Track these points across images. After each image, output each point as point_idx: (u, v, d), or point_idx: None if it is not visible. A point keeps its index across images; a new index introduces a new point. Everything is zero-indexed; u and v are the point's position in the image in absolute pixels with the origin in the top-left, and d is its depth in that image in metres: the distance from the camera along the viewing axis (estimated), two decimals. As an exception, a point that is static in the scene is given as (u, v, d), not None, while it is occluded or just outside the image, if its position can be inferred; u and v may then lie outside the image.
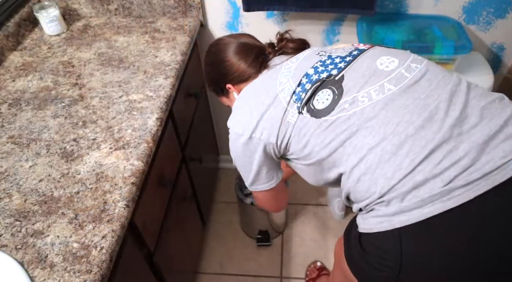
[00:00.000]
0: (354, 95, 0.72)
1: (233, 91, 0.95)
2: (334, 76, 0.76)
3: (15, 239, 0.70)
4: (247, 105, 0.84)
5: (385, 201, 0.68)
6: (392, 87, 0.72)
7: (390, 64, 0.75)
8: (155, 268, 0.97)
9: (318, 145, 0.75)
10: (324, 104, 0.74)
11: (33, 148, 0.87)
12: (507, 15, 1.25)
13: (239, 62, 0.91)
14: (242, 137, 0.82)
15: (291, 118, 0.77)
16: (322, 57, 0.82)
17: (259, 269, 1.55)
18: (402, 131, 0.68)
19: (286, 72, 0.82)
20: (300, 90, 0.77)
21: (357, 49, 0.81)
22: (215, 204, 1.80)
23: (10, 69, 1.13)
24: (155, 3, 1.31)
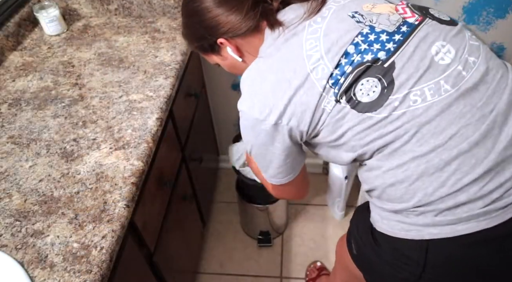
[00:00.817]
0: (407, 92, 0.62)
1: (226, 46, 0.76)
2: (382, 62, 0.63)
3: (15, 239, 0.70)
4: (266, 83, 0.68)
5: (417, 211, 0.65)
6: (449, 88, 0.62)
7: (446, 56, 0.64)
8: (155, 268, 0.97)
9: (356, 141, 0.66)
10: (369, 97, 0.63)
11: (33, 148, 0.87)
12: (507, 15, 1.25)
13: (232, 11, 0.71)
14: (265, 123, 0.67)
15: (327, 105, 0.65)
16: (361, 26, 0.65)
17: (259, 269, 1.55)
18: (455, 146, 0.61)
19: (314, 40, 0.66)
20: (338, 73, 0.64)
21: (406, 23, 0.66)
22: (215, 204, 1.80)
23: (10, 69, 1.13)
24: (155, 3, 1.31)
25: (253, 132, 0.71)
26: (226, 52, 0.78)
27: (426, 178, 0.63)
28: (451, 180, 0.62)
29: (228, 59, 0.80)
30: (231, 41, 0.75)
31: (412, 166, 0.63)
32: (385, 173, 0.66)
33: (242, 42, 0.75)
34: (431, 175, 0.62)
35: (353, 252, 0.82)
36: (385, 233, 0.70)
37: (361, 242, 0.78)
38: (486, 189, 0.61)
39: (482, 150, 0.61)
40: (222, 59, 0.81)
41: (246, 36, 0.73)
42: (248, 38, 0.74)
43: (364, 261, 0.80)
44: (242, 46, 0.76)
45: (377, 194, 0.70)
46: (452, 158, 0.61)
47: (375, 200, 0.73)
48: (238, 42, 0.75)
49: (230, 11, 0.71)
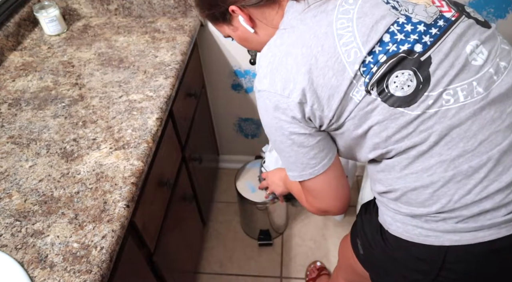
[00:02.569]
0: (442, 90, 0.59)
1: (238, 15, 0.70)
2: (418, 55, 0.59)
3: (15, 239, 0.70)
4: (290, 56, 0.61)
5: (438, 217, 0.63)
6: (481, 90, 0.60)
7: (479, 57, 0.61)
8: (155, 268, 0.97)
9: (382, 138, 0.62)
10: (403, 91, 0.59)
11: (33, 148, 0.87)
12: (507, 15, 1.24)
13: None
14: (288, 101, 0.61)
15: (355, 95, 0.60)
16: (397, 15, 0.61)
17: (259, 269, 1.55)
18: (485, 152, 0.59)
19: (344, 20, 0.61)
20: (372, 61, 0.59)
21: (443, 17, 0.62)
22: (215, 204, 1.80)
23: (10, 69, 1.13)
24: (155, 3, 1.31)
25: (276, 113, 0.64)
26: (238, 22, 0.72)
27: (453, 184, 0.60)
28: (477, 188, 0.60)
29: (239, 29, 0.73)
30: (244, 10, 0.69)
31: (439, 170, 0.60)
32: (407, 176, 0.63)
33: (256, 12, 0.69)
34: (459, 181, 0.60)
35: (360, 252, 0.81)
36: (401, 237, 0.68)
37: (369, 243, 0.77)
38: (511, 196, 0.60)
39: (510, 158, 0.60)
40: (233, 30, 0.75)
41: (261, 6, 0.68)
42: (263, 9, 0.68)
43: (372, 262, 0.79)
44: (256, 17, 0.70)
45: (395, 197, 0.67)
46: (482, 165, 0.59)
47: (389, 202, 0.69)
48: (252, 12, 0.69)
49: None
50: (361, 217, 0.84)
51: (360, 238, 0.81)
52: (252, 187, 1.49)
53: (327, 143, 0.68)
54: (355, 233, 0.85)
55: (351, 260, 0.84)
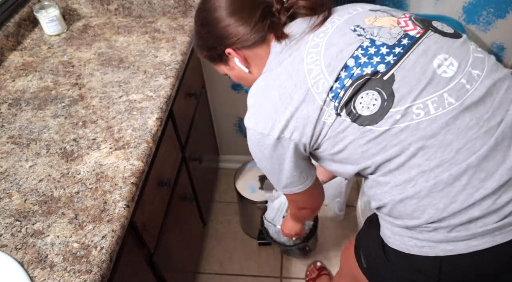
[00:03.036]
0: (409, 105, 0.61)
1: (234, 57, 0.77)
2: (381, 75, 0.63)
3: (15, 239, 0.70)
4: (269, 98, 0.69)
5: (430, 227, 0.63)
6: (453, 101, 0.61)
7: (449, 69, 0.63)
8: (155, 268, 0.97)
9: (358, 154, 0.66)
10: (369, 110, 0.63)
11: (33, 148, 0.87)
12: (507, 15, 1.25)
13: (241, 22, 0.72)
14: (269, 138, 0.69)
15: (327, 119, 0.65)
16: (362, 39, 0.66)
17: (259, 269, 1.55)
18: (463, 160, 0.60)
19: (315, 54, 0.67)
20: (338, 86, 0.64)
21: (407, 36, 0.66)
22: (215, 204, 1.80)
23: (10, 69, 1.13)
24: (155, 3, 1.31)
25: (259, 147, 0.72)
26: (233, 62, 0.79)
27: (436, 193, 0.61)
28: (462, 195, 0.60)
29: (235, 69, 0.81)
30: (239, 52, 0.76)
31: (421, 181, 0.62)
32: (392, 188, 0.65)
33: (249, 53, 0.76)
34: (441, 190, 0.61)
35: (363, 265, 0.81)
36: (398, 249, 0.69)
37: (372, 256, 0.77)
38: (499, 202, 0.60)
39: (491, 164, 0.60)
40: (229, 69, 0.83)
41: (253, 47, 0.75)
42: (255, 49, 0.75)
43: (375, 275, 0.79)
44: (249, 58, 0.77)
45: (387, 211, 0.69)
46: (461, 172, 0.60)
47: (385, 216, 0.71)
48: (246, 53, 0.76)
49: (239, 22, 0.72)
50: (364, 231, 0.85)
51: (363, 251, 0.82)
52: (252, 186, 1.50)
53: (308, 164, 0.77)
54: (358, 246, 0.85)
55: (354, 271, 0.84)
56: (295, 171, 0.74)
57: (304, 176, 0.77)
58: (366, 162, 0.66)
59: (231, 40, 0.74)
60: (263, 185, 1.50)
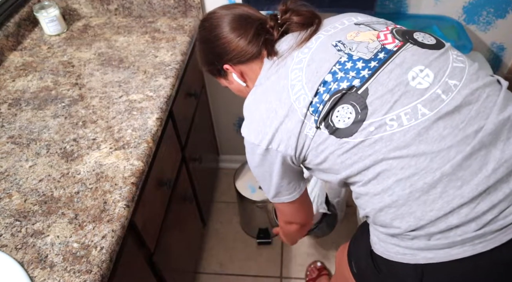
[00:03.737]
0: (381, 117, 0.63)
1: (231, 72, 0.84)
2: (356, 89, 0.66)
3: (15, 239, 0.70)
4: (258, 112, 0.74)
5: (410, 235, 0.64)
6: (427, 112, 0.62)
7: (424, 80, 0.64)
8: (155, 268, 0.97)
9: (338, 164, 0.69)
10: (345, 123, 0.66)
11: (33, 148, 0.87)
12: (507, 15, 1.25)
13: (237, 39, 0.78)
14: (259, 148, 0.74)
15: (309, 131, 0.69)
16: (340, 55, 0.69)
17: (259, 269, 1.55)
18: (437, 168, 0.61)
19: (298, 71, 0.71)
20: (317, 101, 0.68)
21: (384, 50, 0.68)
22: (215, 204, 1.80)
23: (10, 69, 1.13)
24: (155, 3, 1.31)
25: (251, 155, 0.77)
26: (232, 77, 0.86)
27: (412, 202, 0.62)
28: (438, 203, 0.61)
29: (234, 83, 0.88)
30: (235, 67, 0.83)
31: (397, 189, 0.63)
32: (372, 197, 0.67)
33: (245, 68, 0.82)
34: (417, 198, 0.62)
35: (354, 270, 0.82)
36: (382, 256, 0.70)
37: (361, 263, 0.78)
38: (478, 210, 0.60)
39: (467, 172, 0.60)
40: (229, 83, 0.90)
41: (248, 63, 0.81)
42: (250, 65, 0.81)
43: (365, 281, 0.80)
44: (245, 73, 0.83)
45: (372, 219, 0.71)
46: (436, 180, 0.61)
47: (371, 224, 0.74)
48: (242, 68, 0.83)
49: (236, 40, 0.79)
50: (356, 237, 0.86)
51: (354, 258, 0.83)
52: (252, 186, 1.50)
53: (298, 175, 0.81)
54: (349, 252, 0.86)
55: (346, 274, 0.85)
56: (282, 181, 0.79)
57: (292, 187, 0.81)
58: (345, 171, 0.69)
59: (228, 56, 0.81)
60: None
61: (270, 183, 0.80)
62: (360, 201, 0.72)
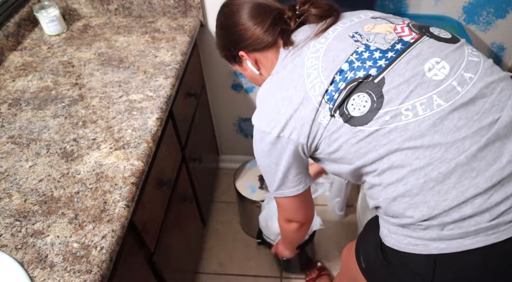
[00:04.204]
0: (397, 107, 0.64)
1: (246, 59, 0.85)
2: (373, 78, 0.66)
3: (15, 239, 0.70)
4: (273, 100, 0.74)
5: (423, 225, 0.64)
6: (442, 103, 0.63)
7: (440, 72, 0.65)
8: (155, 267, 0.97)
9: (352, 154, 0.69)
10: (360, 112, 0.66)
11: (33, 148, 0.87)
12: (507, 15, 1.25)
13: (254, 27, 0.79)
14: (269, 136, 0.74)
15: (323, 120, 0.69)
16: (357, 45, 0.70)
17: (259, 269, 1.55)
18: (452, 158, 0.61)
19: (314, 59, 0.71)
20: (333, 89, 0.68)
21: (401, 41, 0.69)
22: (215, 204, 1.80)
23: (10, 69, 1.13)
24: (155, 3, 1.31)
25: (260, 144, 0.77)
26: (246, 64, 0.87)
27: (427, 191, 0.63)
28: (452, 194, 0.61)
29: (248, 70, 0.89)
30: (250, 54, 0.84)
31: (412, 179, 0.63)
32: (386, 187, 0.67)
33: (260, 56, 0.83)
34: (431, 188, 0.62)
35: (362, 265, 0.82)
36: (393, 247, 0.70)
37: (370, 257, 0.78)
38: (491, 201, 0.60)
39: (482, 163, 0.61)
40: (243, 70, 0.91)
41: (263, 51, 0.82)
42: (265, 53, 0.82)
43: (374, 276, 0.79)
44: (260, 61, 0.84)
45: (383, 210, 0.71)
46: (450, 170, 0.61)
47: (383, 215, 0.73)
48: (256, 56, 0.83)
49: (253, 27, 0.80)
50: (364, 232, 0.85)
51: (363, 252, 0.82)
52: (251, 186, 1.50)
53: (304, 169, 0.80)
54: (358, 247, 0.85)
55: (354, 272, 0.84)
56: (289, 172, 0.78)
57: (297, 179, 0.80)
58: (359, 160, 0.68)
59: (244, 43, 0.82)
60: (263, 184, 1.50)
61: (276, 174, 0.79)
62: (373, 191, 0.71)
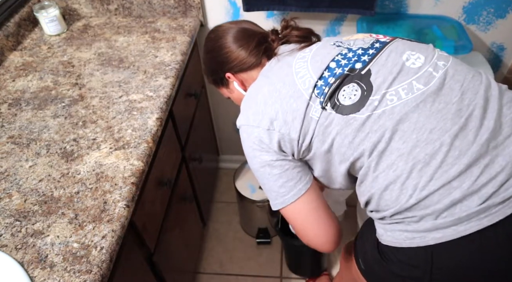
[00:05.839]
0: (384, 91, 0.68)
1: (233, 80, 0.89)
2: (359, 70, 0.71)
3: (15, 239, 0.70)
4: (260, 95, 0.75)
5: (417, 216, 0.65)
6: (422, 86, 0.68)
7: (417, 61, 0.71)
8: (155, 267, 0.97)
9: (346, 146, 0.69)
10: (351, 100, 0.69)
11: (33, 148, 0.87)
12: (507, 15, 1.24)
13: (239, 50, 0.84)
14: (258, 129, 0.73)
15: (314, 114, 0.70)
16: (341, 49, 0.75)
17: (259, 269, 1.55)
18: (437, 139, 0.64)
19: (301, 62, 0.76)
20: (323, 84, 0.71)
21: (379, 41, 0.76)
22: (215, 204, 1.80)
23: (10, 69, 1.13)
24: (155, 3, 1.31)
25: (250, 142, 0.75)
26: (233, 85, 0.90)
27: (415, 173, 0.65)
28: (438, 173, 0.63)
29: (234, 92, 0.92)
30: (237, 76, 0.88)
31: (401, 164, 0.65)
32: (378, 177, 0.68)
33: (246, 76, 0.87)
34: (420, 170, 0.64)
35: (362, 267, 0.82)
36: (390, 244, 0.70)
37: (368, 258, 0.78)
38: (478, 182, 0.62)
39: (464, 142, 0.63)
40: (230, 92, 0.94)
41: (249, 70, 0.86)
42: (251, 72, 0.86)
43: (373, 276, 0.79)
44: (246, 81, 0.88)
45: (375, 205, 0.70)
46: (436, 150, 0.64)
47: (375, 214, 0.73)
48: (243, 76, 0.87)
49: (238, 49, 0.84)
50: (360, 235, 0.85)
51: (361, 254, 0.82)
52: (252, 186, 1.50)
53: (296, 173, 0.76)
54: (356, 249, 0.85)
55: (353, 273, 0.84)
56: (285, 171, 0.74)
57: (296, 173, 0.75)
58: (354, 153, 0.69)
59: (230, 65, 0.86)
60: None
61: (270, 176, 0.75)
62: (364, 184, 0.71)
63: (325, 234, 0.78)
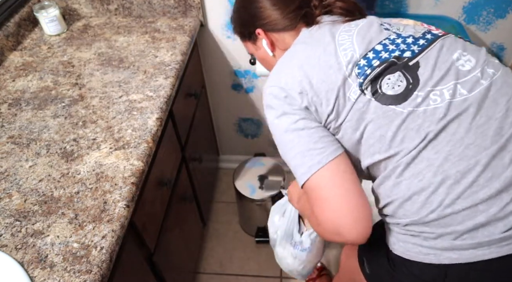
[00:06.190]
0: (429, 89, 0.63)
1: (262, 38, 0.81)
2: (407, 60, 0.66)
3: (15, 239, 0.70)
4: (295, 59, 0.70)
5: (435, 233, 0.62)
6: (465, 92, 0.63)
7: (466, 63, 0.66)
8: (155, 267, 0.97)
9: (376, 138, 0.64)
10: (395, 90, 0.64)
11: (33, 148, 0.87)
12: (507, 15, 1.25)
13: (273, 8, 0.77)
14: (290, 91, 0.67)
15: (352, 95, 0.65)
16: (389, 33, 0.70)
17: (259, 269, 1.55)
18: (472, 156, 0.59)
19: (346, 35, 0.70)
20: (366, 64, 0.66)
21: (431, 33, 0.71)
22: (215, 204, 1.80)
23: (10, 69, 1.13)
24: (155, 3, 1.31)
25: (277, 104, 0.68)
26: (261, 43, 0.83)
27: (443, 189, 0.61)
28: (466, 193, 0.60)
29: (261, 50, 0.85)
30: (268, 34, 0.80)
31: (428, 175, 0.61)
32: (400, 183, 0.64)
33: (277, 37, 0.80)
34: (449, 186, 0.60)
35: (366, 271, 0.81)
36: (402, 256, 0.68)
37: (375, 263, 0.77)
38: (506, 210, 0.59)
39: (499, 165, 0.59)
40: (256, 49, 0.86)
41: (282, 32, 0.79)
42: (283, 34, 0.79)
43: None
44: (276, 41, 0.81)
45: (392, 210, 0.67)
46: (469, 169, 0.59)
47: (389, 219, 0.70)
48: (274, 36, 0.80)
49: (275, 6, 0.77)
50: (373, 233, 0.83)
51: (367, 258, 0.81)
52: (251, 186, 1.50)
53: (327, 136, 0.67)
54: (361, 252, 0.84)
55: (355, 274, 0.83)
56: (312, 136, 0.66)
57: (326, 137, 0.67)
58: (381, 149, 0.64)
59: (262, 21, 0.79)
60: (263, 184, 1.50)
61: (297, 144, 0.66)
62: (383, 187, 0.66)
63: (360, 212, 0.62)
